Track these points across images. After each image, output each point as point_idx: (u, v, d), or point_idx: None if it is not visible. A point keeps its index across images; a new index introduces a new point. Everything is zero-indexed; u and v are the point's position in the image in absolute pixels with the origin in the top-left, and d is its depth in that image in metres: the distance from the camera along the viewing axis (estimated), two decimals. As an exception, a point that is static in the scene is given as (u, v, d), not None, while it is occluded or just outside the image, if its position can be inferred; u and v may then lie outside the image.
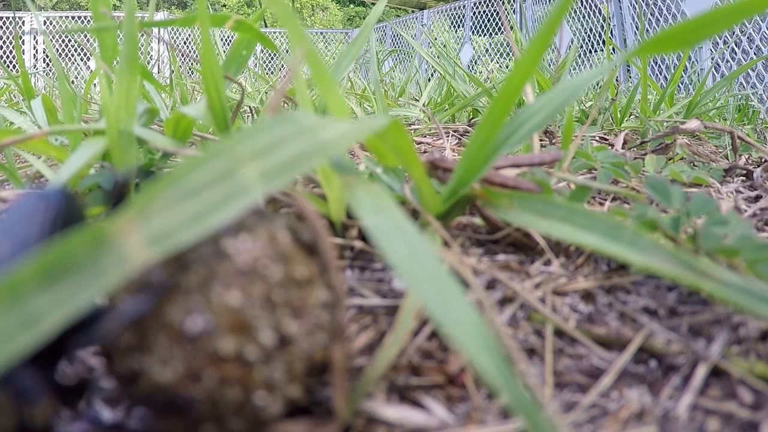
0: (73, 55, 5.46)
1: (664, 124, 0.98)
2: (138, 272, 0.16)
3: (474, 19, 5.51)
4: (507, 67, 3.92)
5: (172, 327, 0.19)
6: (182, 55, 2.01)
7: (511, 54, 4.79)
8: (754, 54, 2.41)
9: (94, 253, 0.15)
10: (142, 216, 0.16)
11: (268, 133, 0.20)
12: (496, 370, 0.18)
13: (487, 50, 5.18)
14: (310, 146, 0.21)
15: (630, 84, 2.71)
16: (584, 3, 3.98)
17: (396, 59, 2.68)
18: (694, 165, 0.73)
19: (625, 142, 0.89)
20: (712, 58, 1.90)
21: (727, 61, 2.56)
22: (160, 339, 0.19)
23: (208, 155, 0.18)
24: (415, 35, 5.86)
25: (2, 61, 5.05)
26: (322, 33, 7.50)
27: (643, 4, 3.19)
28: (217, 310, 0.19)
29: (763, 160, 0.81)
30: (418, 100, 1.40)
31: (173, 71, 0.97)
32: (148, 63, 2.19)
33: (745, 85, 2.37)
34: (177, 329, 0.19)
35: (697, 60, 2.41)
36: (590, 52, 3.96)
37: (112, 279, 0.15)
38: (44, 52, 5.44)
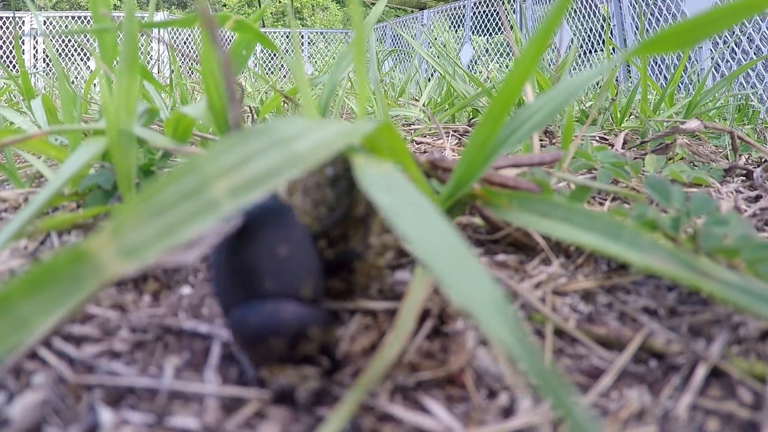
0: (73, 55, 5.46)
1: (664, 124, 0.98)
2: (112, 280, 0.18)
3: (474, 19, 5.51)
4: (507, 67, 3.91)
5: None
6: (182, 55, 2.01)
7: (511, 54, 4.79)
8: (754, 54, 2.41)
9: (73, 265, 0.17)
10: (117, 231, 0.18)
11: (240, 148, 0.21)
12: (515, 341, 0.18)
13: (487, 50, 5.18)
14: (282, 159, 0.21)
15: (630, 84, 2.71)
16: (584, 3, 3.98)
17: (396, 59, 2.68)
18: (694, 165, 0.73)
19: (625, 142, 0.89)
20: (712, 58, 1.90)
21: (727, 61, 2.56)
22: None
23: (180, 173, 0.19)
24: (415, 35, 5.86)
25: (2, 61, 5.05)
26: (322, 33, 7.51)
27: (643, 4, 3.19)
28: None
29: (763, 160, 0.81)
30: (418, 100, 1.40)
31: (173, 71, 0.97)
32: (148, 63, 2.19)
33: (745, 85, 2.36)
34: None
35: (697, 60, 2.41)
36: (590, 52, 3.96)
37: (89, 287, 0.17)
38: (44, 52, 5.44)
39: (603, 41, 3.71)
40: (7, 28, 5.58)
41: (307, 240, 0.27)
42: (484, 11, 5.42)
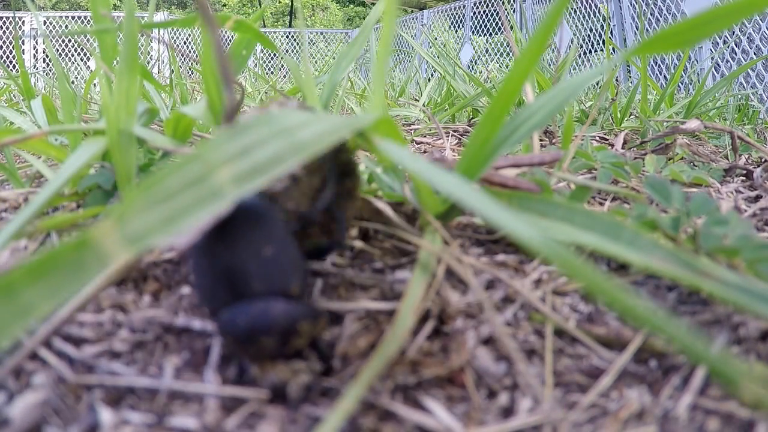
0: (73, 55, 5.46)
1: (664, 124, 0.98)
2: (117, 267, 0.18)
3: (474, 19, 5.51)
4: (507, 67, 3.92)
5: None
6: (182, 55, 2.01)
7: (511, 54, 4.79)
8: (754, 54, 2.41)
9: (78, 253, 0.17)
10: (121, 219, 0.18)
11: (244, 136, 0.21)
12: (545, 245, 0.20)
13: (487, 50, 5.18)
14: (286, 147, 0.21)
15: (630, 84, 2.71)
16: (584, 3, 3.98)
17: (396, 59, 2.68)
18: (694, 165, 0.73)
19: (625, 142, 0.89)
20: (712, 58, 1.90)
21: (727, 61, 2.56)
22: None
23: (183, 161, 0.19)
24: (415, 35, 5.86)
25: (2, 61, 5.05)
26: (322, 33, 7.51)
27: (643, 4, 3.19)
28: None
29: (763, 160, 0.81)
30: (418, 100, 1.40)
31: (173, 71, 0.97)
32: (148, 63, 2.19)
33: (745, 85, 2.36)
34: None
35: (697, 60, 2.41)
36: (590, 52, 3.95)
37: (93, 274, 0.17)
38: (44, 52, 5.44)
39: (603, 41, 3.71)
40: (7, 28, 5.58)
41: (290, 237, 0.28)
42: (484, 11, 5.41)
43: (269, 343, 0.25)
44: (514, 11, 4.25)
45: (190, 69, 2.75)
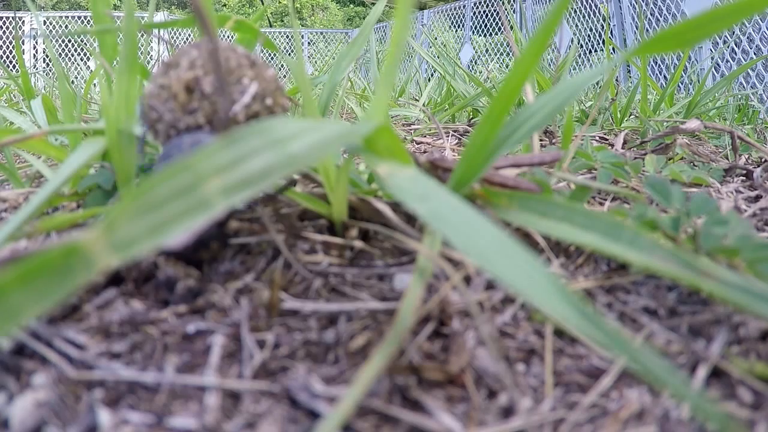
0: (73, 55, 5.47)
1: (664, 124, 0.98)
2: (102, 273, 0.18)
3: (474, 19, 5.51)
4: (507, 67, 3.92)
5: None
6: (182, 55, 2.00)
7: (511, 54, 4.79)
8: (754, 54, 2.41)
9: (66, 259, 0.17)
10: (109, 227, 0.18)
11: (236, 148, 0.21)
12: (583, 320, 0.20)
13: (487, 50, 5.18)
14: (277, 159, 0.21)
15: (630, 84, 2.71)
16: (584, 3, 3.98)
17: (396, 59, 2.68)
18: (694, 165, 0.73)
19: (625, 142, 0.89)
20: (712, 58, 1.90)
21: (727, 61, 2.56)
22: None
23: (174, 170, 0.19)
24: (415, 35, 5.86)
25: (2, 61, 5.05)
26: (322, 33, 7.51)
27: (643, 4, 3.19)
28: None
29: (763, 160, 0.81)
30: (418, 100, 1.40)
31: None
32: (148, 63, 2.19)
33: (745, 85, 2.37)
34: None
35: (697, 60, 2.41)
36: (590, 52, 3.96)
37: (80, 279, 0.17)
38: (44, 52, 5.44)
39: (603, 41, 3.70)
40: (7, 28, 5.58)
41: None
42: (484, 11, 5.42)
43: (188, 247, 0.33)
44: (514, 11, 4.25)
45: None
